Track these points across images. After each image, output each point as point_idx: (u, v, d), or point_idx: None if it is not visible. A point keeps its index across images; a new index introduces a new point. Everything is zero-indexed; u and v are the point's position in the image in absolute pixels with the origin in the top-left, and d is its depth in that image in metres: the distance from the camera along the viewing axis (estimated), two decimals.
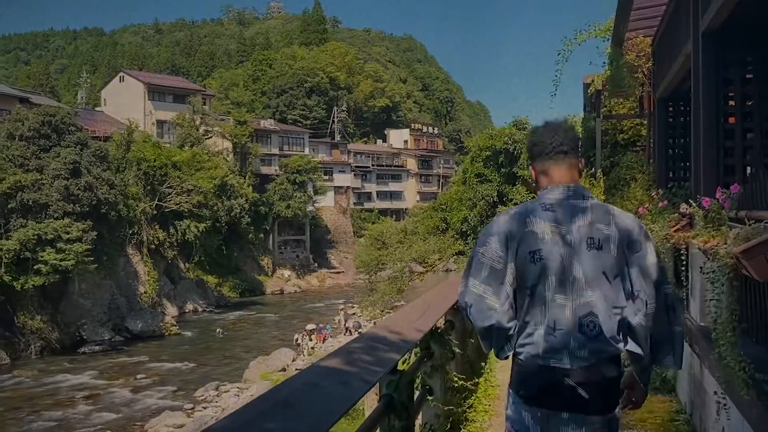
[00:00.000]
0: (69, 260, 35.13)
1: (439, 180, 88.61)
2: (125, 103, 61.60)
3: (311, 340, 37.42)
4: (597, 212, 2.26)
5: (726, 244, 3.08)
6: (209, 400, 29.08)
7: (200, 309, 52.27)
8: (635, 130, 10.71)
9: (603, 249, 2.21)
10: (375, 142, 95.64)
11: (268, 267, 65.27)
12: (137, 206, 45.90)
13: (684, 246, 4.72)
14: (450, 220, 29.21)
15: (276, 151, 69.61)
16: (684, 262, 4.87)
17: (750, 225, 2.95)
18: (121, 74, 67.16)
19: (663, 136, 7.02)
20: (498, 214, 2.44)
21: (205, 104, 66.92)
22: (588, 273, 2.19)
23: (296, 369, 30.98)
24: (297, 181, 64.54)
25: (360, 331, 39.44)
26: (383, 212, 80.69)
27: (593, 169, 8.53)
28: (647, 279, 2.22)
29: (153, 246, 48.59)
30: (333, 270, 70.85)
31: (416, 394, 3.15)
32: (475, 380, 5.05)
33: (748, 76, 5.02)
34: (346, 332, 40.08)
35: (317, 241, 72.41)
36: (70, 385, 31.52)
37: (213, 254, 56.47)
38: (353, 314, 44.93)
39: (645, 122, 10.31)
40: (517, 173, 26.55)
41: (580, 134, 11.95)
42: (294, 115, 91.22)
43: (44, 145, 37.12)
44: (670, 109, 7.08)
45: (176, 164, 50.40)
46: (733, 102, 5.04)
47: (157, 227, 49.05)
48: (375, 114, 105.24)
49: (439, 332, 3.74)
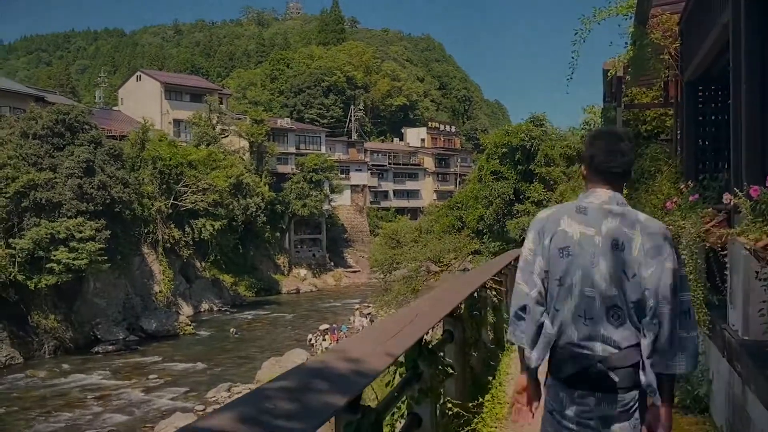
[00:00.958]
0: (82, 259, 34.92)
1: (457, 179, 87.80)
2: (142, 103, 61.56)
3: (324, 341, 36.92)
4: (626, 217, 2.45)
5: None
6: (221, 402, 28.54)
7: (216, 308, 52.04)
8: (659, 121, 10.00)
9: (624, 251, 2.39)
10: (392, 141, 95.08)
11: (284, 266, 64.96)
12: (152, 205, 45.69)
13: (721, 245, 4.09)
14: (466, 219, 28.63)
15: (292, 150, 69.34)
16: (721, 264, 4.25)
17: None
18: (138, 73, 67.17)
19: (692, 124, 6.38)
20: (540, 212, 2.68)
21: (222, 103, 66.73)
22: (611, 270, 2.39)
23: None
24: (313, 180, 64.15)
25: None
26: (400, 211, 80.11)
27: None
28: (662, 284, 2.35)
29: (168, 245, 48.41)
30: (349, 269, 70.40)
31: (400, 426, 2.58)
32: (480, 400, 4.48)
33: None
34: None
35: (333, 240, 72.00)
36: (82, 386, 31.28)
37: (229, 253, 56.25)
38: (369, 314, 44.36)
39: (670, 112, 9.65)
40: (534, 170, 25.90)
41: (600, 124, 11.32)
42: (311, 114, 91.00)
43: (58, 144, 36.96)
44: (700, 94, 6.44)
45: (192, 163, 50.20)
46: None
47: (173, 226, 48.84)
48: (392, 113, 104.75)
49: (430, 348, 3.15)
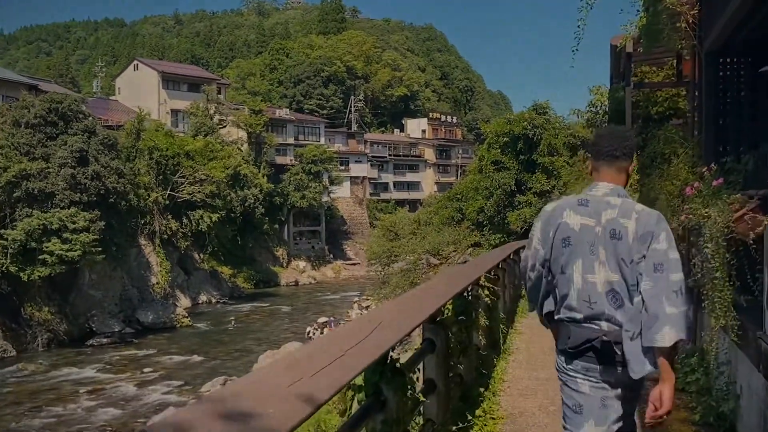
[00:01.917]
0: (75, 251, 34.31)
1: (458, 170, 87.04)
2: (139, 92, 60.93)
3: (322, 334, 36.34)
4: (624, 208, 2.69)
5: None
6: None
7: (214, 300, 51.56)
8: (671, 102, 9.28)
9: (622, 239, 2.63)
10: (392, 132, 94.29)
11: (283, 258, 64.41)
12: (149, 196, 45.07)
13: (754, 236, 3.46)
14: (465, 211, 27.96)
15: (291, 141, 68.67)
16: (753, 259, 3.60)
17: None
18: (136, 62, 66.43)
19: (712, 101, 5.70)
20: (546, 205, 2.94)
21: (220, 93, 66.05)
22: (610, 258, 2.65)
23: None
24: (312, 171, 63.53)
25: None
26: (400, 203, 79.45)
27: None
28: (650, 262, 2.58)
29: (166, 236, 47.79)
30: (349, 261, 69.87)
31: None
32: (470, 418, 3.84)
33: None
34: None
35: (333, 232, 71.42)
36: (75, 379, 30.73)
37: (227, 245, 55.74)
38: (367, 307, 43.82)
39: (683, 92, 8.98)
40: (537, 160, 25.19)
41: (606, 107, 10.65)
42: (311, 105, 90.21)
43: (51, 133, 36.27)
44: (722, 66, 5.76)
45: (189, 153, 49.54)
46: None
47: (170, 217, 48.23)
48: (393, 103, 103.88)
49: (397, 367, 2.49)
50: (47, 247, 34.06)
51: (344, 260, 70.15)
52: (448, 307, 4.28)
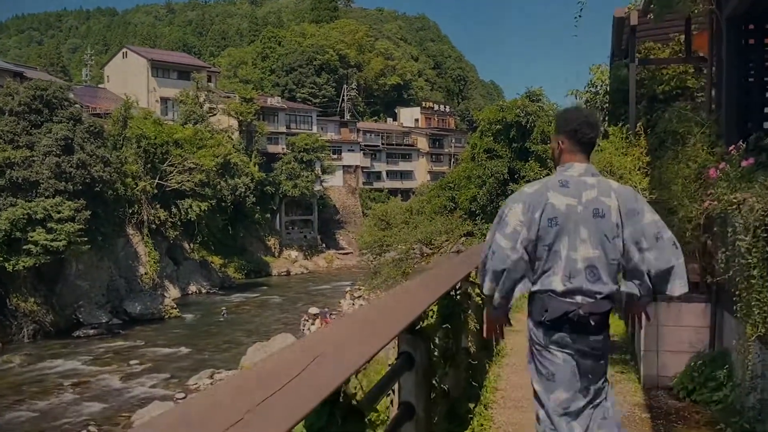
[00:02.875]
0: (60, 240, 33.56)
1: (451, 159, 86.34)
2: (128, 80, 59.95)
3: (314, 325, 35.70)
4: (601, 187, 2.91)
5: None
6: (202, 389, 27.45)
7: (204, 290, 50.92)
8: (679, 80, 8.64)
9: (605, 217, 2.86)
10: (385, 121, 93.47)
11: (275, 247, 63.78)
12: (136, 185, 44.29)
13: None
14: (458, 199, 27.36)
15: (283, 130, 67.84)
16: None
17: None
18: (124, 50, 65.38)
19: (734, 71, 5.09)
20: (523, 187, 3.03)
21: (211, 81, 65.10)
22: (593, 235, 2.85)
23: None
24: (304, 160, 62.77)
25: None
26: (393, 192, 78.75)
27: (627, 127, 6.63)
28: (649, 231, 2.87)
29: (154, 226, 47.03)
30: (341, 251, 69.25)
31: None
32: None
33: None
34: None
35: (325, 222, 70.78)
36: (60, 372, 30.07)
37: (218, 234, 55.03)
38: (360, 297, 43.26)
39: (691, 69, 8.37)
40: (530, 148, 24.59)
41: (608, 85, 10.01)
42: (303, 94, 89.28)
43: (35, 121, 35.41)
44: (746, 33, 5.13)
45: (178, 142, 48.73)
46: None
47: (159, 207, 47.45)
48: (385, 92, 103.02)
49: (353, 406, 1.84)
50: (32, 237, 33.32)
51: (337, 250, 69.55)
52: (433, 309, 3.67)
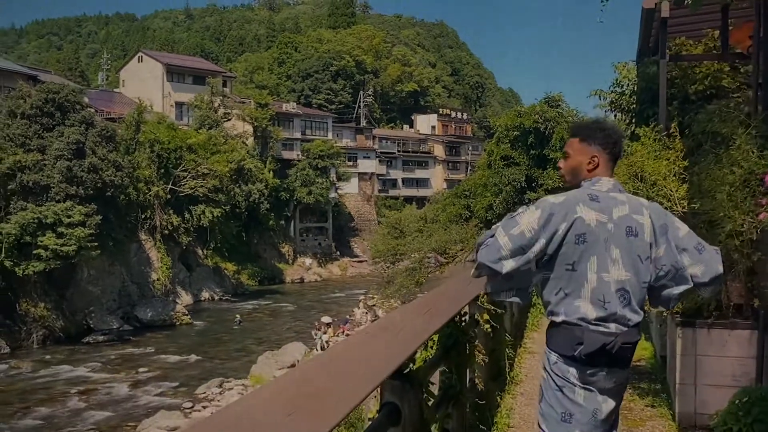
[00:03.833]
0: (70, 245, 33.22)
1: (468, 167, 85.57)
2: (144, 84, 59.90)
3: (325, 334, 35.12)
4: (632, 204, 2.64)
5: None
6: (210, 399, 26.94)
7: (216, 297, 50.48)
8: (714, 79, 7.92)
9: (638, 236, 2.58)
10: (401, 128, 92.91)
11: (289, 255, 63.32)
12: (149, 190, 44.00)
13: None
14: (474, 208, 26.65)
15: (298, 136, 67.50)
16: None
17: None
18: (140, 54, 65.37)
19: None
20: (548, 197, 2.65)
21: (226, 86, 64.92)
22: (625, 255, 2.55)
23: None
24: (319, 167, 62.30)
25: None
26: (408, 200, 78.11)
27: (660, 127, 5.96)
28: (690, 247, 2.66)
29: (167, 231, 46.71)
30: (355, 258, 68.65)
31: None
32: None
33: None
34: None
35: (340, 229, 70.25)
36: (68, 378, 29.68)
37: (232, 241, 54.68)
38: (373, 306, 42.66)
39: (726, 68, 7.69)
40: (549, 155, 23.81)
41: (635, 84, 9.31)
42: (319, 99, 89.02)
43: (47, 124, 35.18)
44: None
45: (191, 147, 48.42)
46: None
47: (172, 212, 47.12)
48: (402, 99, 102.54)
49: None
50: (42, 242, 33.02)
51: (351, 257, 68.96)
52: (432, 338, 3.05)
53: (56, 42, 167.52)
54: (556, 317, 2.58)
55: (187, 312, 42.73)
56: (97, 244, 35.48)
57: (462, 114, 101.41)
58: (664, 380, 6.11)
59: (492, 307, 4.05)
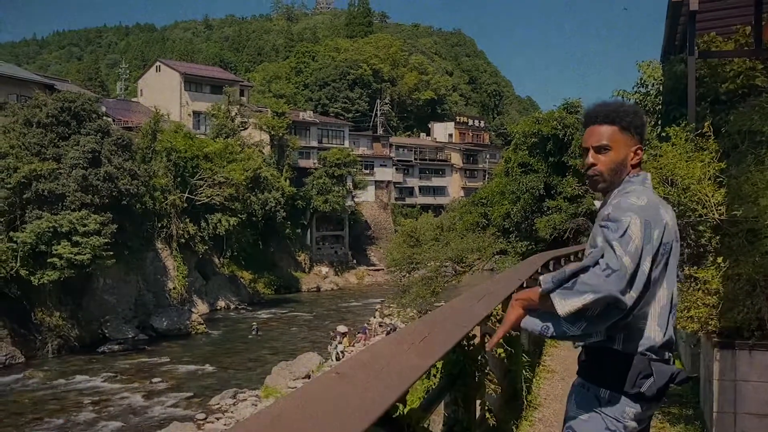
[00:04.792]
0: (85, 254, 33.12)
1: (485, 175, 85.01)
2: (161, 94, 60.04)
3: (340, 344, 34.68)
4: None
5: None
6: (224, 410, 26.61)
7: (232, 306, 50.30)
8: (746, 77, 7.41)
9: (678, 241, 2.23)
10: (418, 136, 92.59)
11: (305, 263, 63.05)
12: (165, 198, 43.95)
13: None
14: (491, 216, 26.11)
15: (315, 144, 67.39)
16: None
17: None
18: (158, 64, 65.63)
19: None
20: (628, 199, 2.11)
21: (243, 95, 64.99)
22: (676, 266, 2.19)
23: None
24: (336, 175, 62.07)
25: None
26: (425, 208, 77.66)
27: (692, 127, 5.49)
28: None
29: (183, 240, 46.60)
30: (372, 267, 68.24)
31: None
32: None
33: None
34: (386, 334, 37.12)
35: (356, 237, 69.91)
36: (81, 388, 29.50)
37: (248, 249, 54.54)
38: (389, 315, 42.19)
39: (760, 66, 7.20)
40: (568, 162, 23.25)
41: (661, 84, 8.81)
42: (336, 108, 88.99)
43: (63, 133, 35.19)
44: None
45: (208, 155, 48.37)
46: None
47: (188, 221, 47.04)
48: (419, 107, 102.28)
49: None
50: (56, 251, 32.94)
51: (368, 266, 68.58)
52: (436, 365, 2.63)
53: (77, 53, 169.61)
54: (612, 344, 2.11)
55: (203, 321, 42.53)
56: (113, 253, 35.38)
57: (479, 122, 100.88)
58: (697, 405, 5.60)
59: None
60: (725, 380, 4.31)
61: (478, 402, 2.94)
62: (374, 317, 43.95)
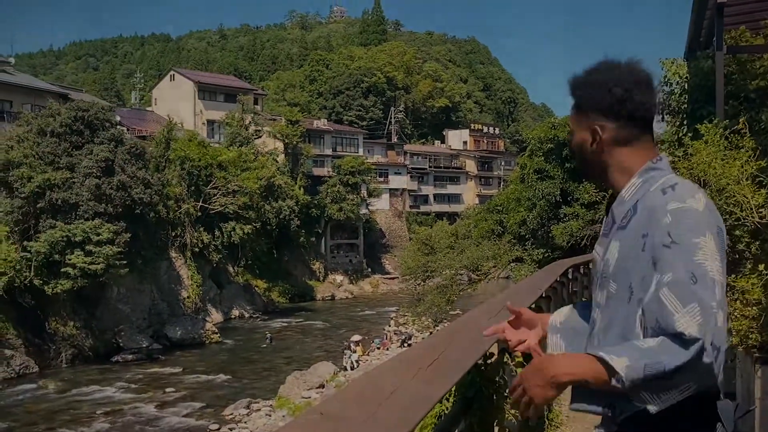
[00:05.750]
0: (98, 263, 33.03)
1: (500, 182, 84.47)
2: (175, 103, 60.18)
3: (354, 353, 34.36)
4: None
5: None
6: (237, 420, 26.32)
7: (247, 315, 50.10)
8: None
9: None
10: (433, 144, 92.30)
11: (320, 272, 62.83)
12: (179, 207, 43.90)
13: None
14: (506, 223, 25.75)
15: (329, 152, 67.29)
16: None
17: None
18: (172, 73, 65.88)
19: None
20: (682, 196, 1.52)
21: (257, 104, 65.05)
22: None
23: (335, 386, 28.07)
24: (350, 183, 61.88)
25: (409, 343, 36.21)
26: (440, 215, 77.26)
27: (725, 124, 5.14)
28: None
29: (197, 249, 46.52)
30: (387, 275, 67.90)
31: None
32: None
33: None
34: (402, 344, 36.70)
35: (371, 246, 69.60)
36: (95, 399, 29.30)
37: (263, 258, 54.39)
38: (404, 323, 41.82)
39: None
40: None
41: (686, 82, 8.43)
42: (350, 116, 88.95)
43: (76, 142, 35.20)
44: None
45: (222, 164, 48.32)
46: None
47: (202, 229, 46.95)
48: (433, 114, 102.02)
49: None
50: (70, 260, 32.90)
51: (382, 274, 68.25)
52: (452, 392, 2.30)
53: (93, 63, 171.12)
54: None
55: (217, 330, 42.34)
56: (126, 262, 35.27)
57: (494, 129, 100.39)
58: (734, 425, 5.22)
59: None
60: None
61: (497, 428, 2.61)
62: (389, 326, 43.61)
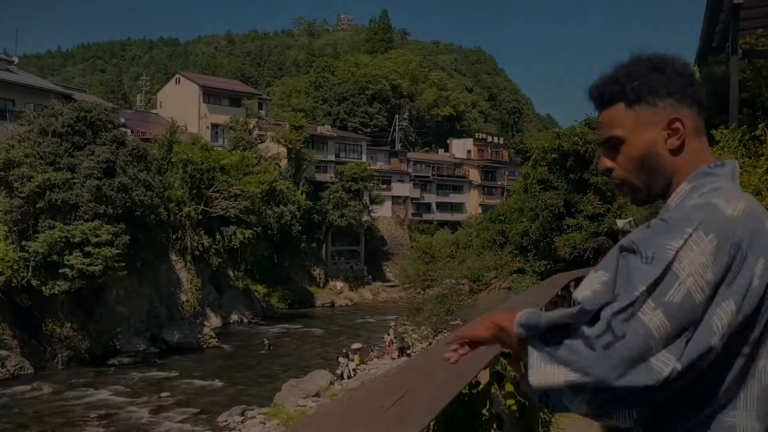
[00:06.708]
0: (96, 265, 32.75)
1: (504, 192, 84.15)
2: (180, 106, 60.04)
3: (352, 361, 33.96)
4: None
5: None
6: (231, 428, 25.93)
7: (246, 320, 49.78)
8: None
9: None
10: (437, 152, 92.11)
11: (320, 278, 62.48)
12: (179, 210, 43.66)
13: None
14: (509, 233, 25.42)
15: (332, 158, 67.07)
16: None
17: None
18: (177, 76, 65.84)
19: None
20: (710, 200, 1.24)
21: (262, 108, 64.93)
22: None
23: (332, 395, 27.72)
24: (352, 189, 61.60)
25: (408, 353, 35.79)
26: (442, 224, 76.88)
27: (742, 130, 4.84)
28: None
29: (198, 252, 46.24)
30: (387, 283, 67.52)
31: None
32: None
33: None
34: (401, 354, 36.29)
35: (372, 253, 69.26)
36: (89, 402, 28.96)
37: (263, 263, 54.10)
38: (403, 332, 41.40)
39: None
40: (589, 179, 22.52)
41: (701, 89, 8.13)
42: (354, 123, 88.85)
43: (78, 143, 34.99)
44: None
45: (224, 168, 48.10)
46: None
47: (203, 233, 46.69)
48: (438, 123, 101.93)
49: None
50: (68, 261, 32.63)
51: (383, 282, 67.90)
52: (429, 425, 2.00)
53: (101, 65, 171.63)
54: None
55: (215, 335, 41.99)
56: (125, 265, 34.98)
57: (498, 139, 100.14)
58: None
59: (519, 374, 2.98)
60: None
61: None
62: (388, 334, 43.22)
